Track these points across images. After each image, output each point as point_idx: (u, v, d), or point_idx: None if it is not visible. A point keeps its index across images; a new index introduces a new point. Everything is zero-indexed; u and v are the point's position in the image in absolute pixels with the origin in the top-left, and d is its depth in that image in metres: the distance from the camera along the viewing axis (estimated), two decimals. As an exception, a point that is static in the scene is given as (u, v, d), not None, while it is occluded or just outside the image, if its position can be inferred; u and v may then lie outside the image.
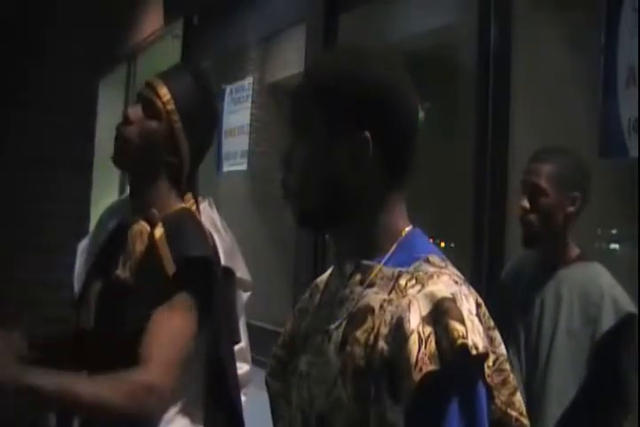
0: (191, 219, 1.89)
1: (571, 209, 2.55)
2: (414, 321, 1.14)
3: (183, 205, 1.93)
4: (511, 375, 1.24)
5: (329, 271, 1.39)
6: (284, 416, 1.35)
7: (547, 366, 2.52)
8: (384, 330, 1.17)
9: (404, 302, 1.17)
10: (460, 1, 3.71)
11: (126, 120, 1.89)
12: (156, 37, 6.32)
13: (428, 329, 1.13)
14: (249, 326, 2.39)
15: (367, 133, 1.23)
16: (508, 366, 1.24)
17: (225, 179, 5.40)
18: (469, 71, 3.31)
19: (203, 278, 1.81)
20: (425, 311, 1.15)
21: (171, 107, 1.88)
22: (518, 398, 1.25)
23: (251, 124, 4.84)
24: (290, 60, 4.81)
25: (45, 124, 2.78)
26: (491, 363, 1.18)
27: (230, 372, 1.94)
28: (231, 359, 1.96)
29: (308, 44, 4.21)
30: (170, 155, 1.89)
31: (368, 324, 1.20)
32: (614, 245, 3.47)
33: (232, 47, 5.51)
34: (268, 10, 4.90)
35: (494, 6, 3.10)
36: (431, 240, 1.32)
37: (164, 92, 1.88)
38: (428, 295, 1.17)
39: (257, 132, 4.89)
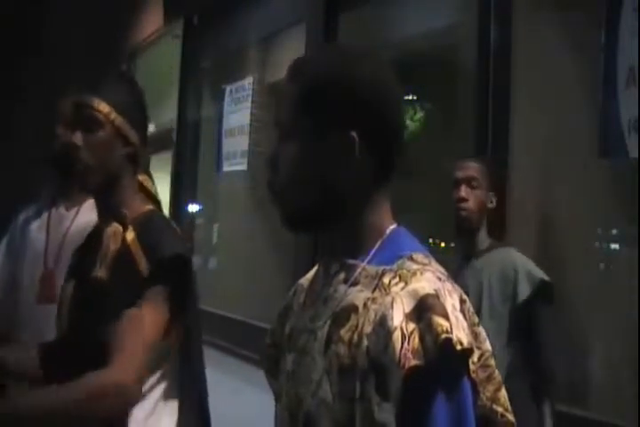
0: (160, 219, 1.97)
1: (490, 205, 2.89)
2: (397, 318, 1.15)
3: (149, 206, 1.99)
4: (496, 371, 1.24)
5: (314, 270, 1.39)
6: (278, 417, 1.35)
7: None
8: (368, 328, 1.18)
9: (388, 299, 1.18)
10: (460, 1, 3.71)
11: (75, 147, 1.94)
12: (156, 37, 6.32)
13: (412, 326, 1.14)
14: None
15: (353, 133, 1.24)
16: (493, 362, 1.24)
17: (225, 179, 5.40)
18: (469, 71, 3.31)
19: (178, 276, 1.87)
20: (408, 308, 1.15)
21: (107, 109, 1.95)
22: (503, 393, 1.25)
23: (251, 124, 4.84)
24: (290, 60, 4.80)
25: (45, 125, 2.80)
26: (476, 359, 1.19)
27: (201, 367, 1.98)
28: (201, 355, 2.00)
29: (308, 44, 4.21)
30: (125, 147, 1.97)
31: (352, 322, 1.21)
32: (614, 245, 3.47)
33: (232, 47, 5.51)
34: (268, 10, 4.91)
35: (494, 6, 3.10)
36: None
37: (96, 101, 1.95)
38: (411, 292, 1.17)
39: (257, 133, 4.89)
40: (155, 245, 1.86)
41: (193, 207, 5.67)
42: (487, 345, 1.25)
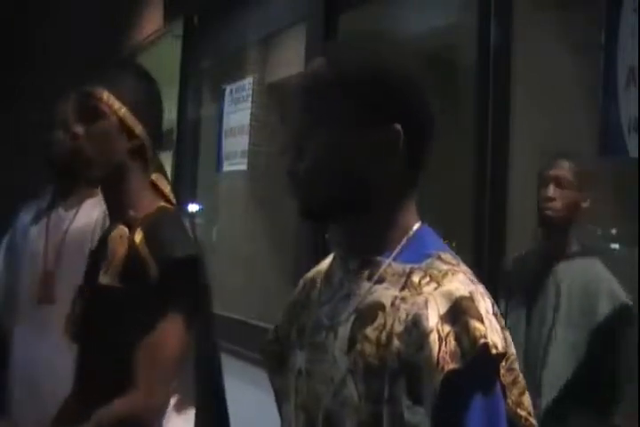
0: (170, 218, 1.90)
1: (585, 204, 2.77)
2: (433, 319, 1.12)
3: (161, 203, 1.93)
4: (520, 375, 1.22)
5: (325, 264, 1.36)
6: (286, 416, 1.32)
7: (545, 353, 2.59)
8: (399, 328, 1.15)
9: (420, 299, 1.15)
10: (460, 1, 3.71)
11: (76, 138, 1.89)
12: (156, 37, 6.32)
13: (447, 328, 1.11)
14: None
15: (398, 126, 1.20)
16: (517, 366, 1.22)
17: (225, 179, 5.40)
18: (469, 71, 3.30)
19: (188, 279, 1.81)
20: (443, 310, 1.13)
21: (111, 100, 1.89)
22: (527, 397, 1.23)
23: (251, 125, 4.83)
24: (290, 60, 4.81)
25: (46, 126, 2.81)
26: (503, 362, 1.17)
27: (212, 360, 1.95)
28: (214, 358, 1.97)
29: (308, 44, 4.21)
30: (130, 141, 1.91)
31: (379, 321, 1.18)
32: (614, 245, 3.47)
33: (232, 47, 5.50)
34: (268, 10, 4.90)
35: (494, 6, 3.09)
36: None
37: (100, 91, 1.90)
38: (445, 294, 1.14)
39: (257, 132, 4.89)
40: (163, 246, 1.80)
41: (193, 207, 5.67)
42: (512, 348, 1.22)
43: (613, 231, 3.46)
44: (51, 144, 2.82)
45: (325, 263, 1.37)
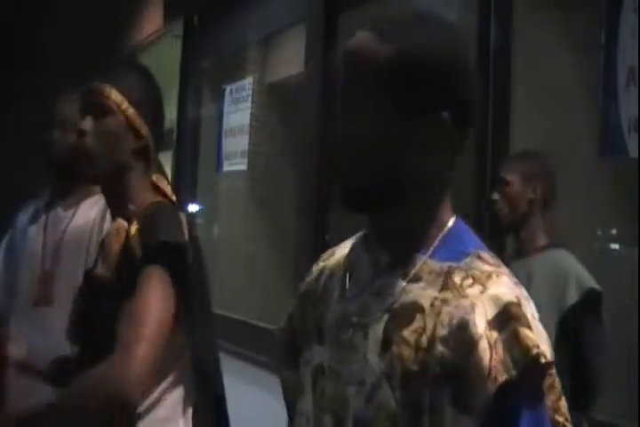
0: (166, 210, 1.87)
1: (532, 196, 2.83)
2: (481, 325, 1.07)
3: (159, 198, 1.92)
4: (557, 379, 1.17)
5: (341, 255, 1.29)
6: (303, 411, 1.24)
7: None
8: (442, 332, 1.10)
9: (466, 302, 1.10)
10: (460, 1, 3.72)
11: (83, 133, 1.89)
12: (156, 37, 6.32)
13: (494, 334, 1.07)
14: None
15: (447, 115, 1.14)
16: (554, 371, 1.16)
17: (225, 179, 5.40)
18: (469, 71, 3.31)
19: (173, 261, 1.77)
20: (490, 315, 1.08)
21: (119, 98, 1.89)
22: (564, 403, 1.19)
23: (251, 125, 4.84)
24: (290, 60, 4.81)
25: (46, 126, 2.81)
26: None
27: (211, 360, 1.93)
28: (214, 357, 1.95)
29: (308, 44, 4.21)
30: (134, 141, 1.91)
31: (417, 323, 1.12)
32: (614, 245, 3.47)
33: (232, 47, 5.51)
34: (268, 10, 4.91)
35: (494, 6, 3.10)
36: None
37: (108, 89, 1.90)
38: (492, 298, 1.09)
39: (257, 132, 4.89)
40: (150, 233, 1.78)
41: (193, 207, 5.67)
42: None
43: (613, 231, 3.46)
44: (50, 144, 2.82)
45: (341, 254, 1.29)
